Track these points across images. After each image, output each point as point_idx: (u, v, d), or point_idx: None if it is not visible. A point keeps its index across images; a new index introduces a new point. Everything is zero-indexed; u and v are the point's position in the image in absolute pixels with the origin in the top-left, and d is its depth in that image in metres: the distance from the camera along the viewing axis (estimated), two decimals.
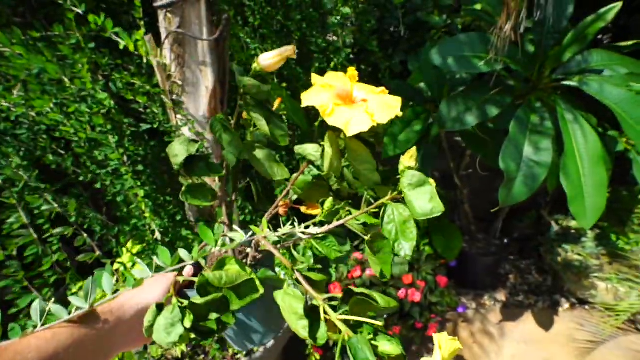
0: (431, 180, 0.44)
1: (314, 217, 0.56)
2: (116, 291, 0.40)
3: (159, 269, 0.44)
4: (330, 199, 0.53)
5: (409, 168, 0.44)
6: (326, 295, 0.40)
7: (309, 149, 0.53)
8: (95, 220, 0.77)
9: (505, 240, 1.71)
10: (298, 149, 0.54)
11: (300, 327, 0.38)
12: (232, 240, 0.48)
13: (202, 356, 1.02)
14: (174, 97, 0.90)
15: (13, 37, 0.68)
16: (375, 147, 0.58)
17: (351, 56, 1.23)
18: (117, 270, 0.98)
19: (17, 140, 0.70)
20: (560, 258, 1.63)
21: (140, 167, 0.83)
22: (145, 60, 0.87)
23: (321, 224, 0.54)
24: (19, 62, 0.70)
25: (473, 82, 1.13)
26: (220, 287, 0.41)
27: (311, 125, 1.32)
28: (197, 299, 0.40)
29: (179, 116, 0.92)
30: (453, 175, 1.51)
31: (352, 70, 0.46)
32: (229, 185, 0.62)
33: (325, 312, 0.39)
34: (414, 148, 0.45)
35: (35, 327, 0.32)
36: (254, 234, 0.48)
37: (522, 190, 0.92)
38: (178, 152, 0.53)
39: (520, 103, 1.03)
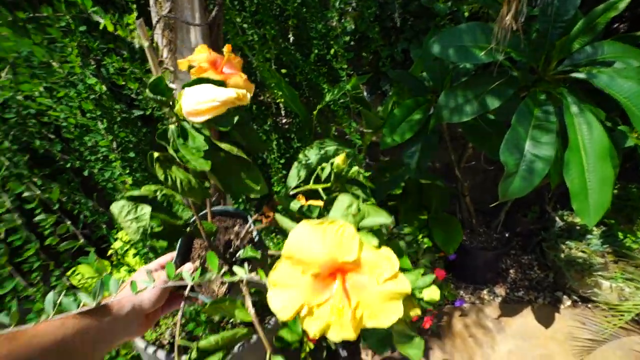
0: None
1: None
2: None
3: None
4: None
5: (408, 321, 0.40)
6: None
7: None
8: (85, 206, 0.77)
9: (507, 235, 1.68)
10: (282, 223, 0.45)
11: None
12: (234, 273, 0.48)
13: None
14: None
15: None
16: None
17: (352, 43, 1.20)
18: (110, 257, 0.99)
19: (5, 124, 0.70)
20: (564, 254, 1.59)
21: (131, 154, 0.83)
22: (137, 45, 0.85)
23: None
24: (6, 45, 0.69)
25: (476, 73, 1.09)
26: (218, 348, 0.45)
27: (310, 113, 1.30)
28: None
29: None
30: (454, 167, 1.47)
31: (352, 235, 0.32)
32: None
33: None
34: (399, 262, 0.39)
35: (47, 316, 0.37)
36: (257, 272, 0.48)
37: (522, 185, 0.89)
38: (133, 227, 0.47)
39: (525, 95, 0.99)
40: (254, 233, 0.60)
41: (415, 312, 0.37)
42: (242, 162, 0.43)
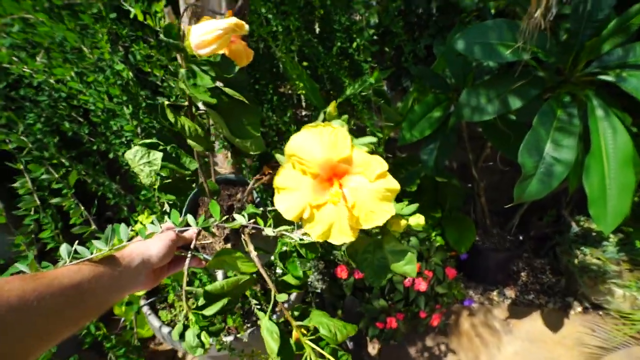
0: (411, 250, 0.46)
1: None
2: (131, 239, 0.49)
3: None
4: None
5: (397, 237, 0.45)
6: (300, 323, 0.49)
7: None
8: (108, 188, 0.80)
9: (521, 237, 1.66)
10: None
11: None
12: (234, 219, 0.54)
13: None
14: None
15: (36, 3, 0.69)
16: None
17: (375, 37, 1.19)
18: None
19: (37, 107, 0.72)
20: (577, 260, 1.57)
21: (154, 140, 0.85)
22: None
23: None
24: (42, 30, 0.71)
25: (499, 72, 1.07)
26: (223, 293, 0.49)
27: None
28: (207, 310, 0.48)
29: None
30: (471, 166, 1.46)
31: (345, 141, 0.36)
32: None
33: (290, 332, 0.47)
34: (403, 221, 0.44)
35: (65, 262, 0.42)
36: (255, 221, 0.53)
37: (539, 188, 0.88)
38: (146, 171, 0.54)
39: (549, 96, 0.98)
40: (255, 195, 0.65)
41: (403, 224, 0.43)
42: (244, 108, 0.48)
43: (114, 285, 0.43)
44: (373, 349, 1.47)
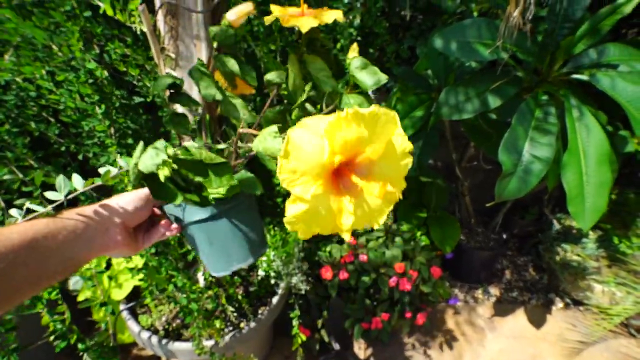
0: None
1: None
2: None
3: None
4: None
5: (354, 57, 0.50)
6: None
7: (275, 75, 0.59)
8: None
9: (504, 236, 1.68)
10: (268, 75, 0.59)
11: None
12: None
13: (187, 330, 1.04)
14: (167, 71, 0.88)
15: None
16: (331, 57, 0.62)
17: (358, 38, 1.19)
18: None
19: (2, 106, 0.69)
20: (559, 257, 1.60)
21: (129, 140, 0.82)
22: (139, 32, 0.85)
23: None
24: (10, 26, 0.68)
25: (479, 71, 1.08)
26: (200, 159, 0.47)
27: (314, 107, 1.29)
28: (182, 154, 0.45)
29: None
30: (455, 166, 1.47)
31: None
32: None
33: None
34: (355, 44, 0.52)
35: (16, 220, 0.39)
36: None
37: (519, 186, 0.89)
38: (161, 83, 0.59)
39: (527, 96, 0.99)
40: None
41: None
42: None
43: (79, 240, 0.38)
44: (359, 349, 1.47)
